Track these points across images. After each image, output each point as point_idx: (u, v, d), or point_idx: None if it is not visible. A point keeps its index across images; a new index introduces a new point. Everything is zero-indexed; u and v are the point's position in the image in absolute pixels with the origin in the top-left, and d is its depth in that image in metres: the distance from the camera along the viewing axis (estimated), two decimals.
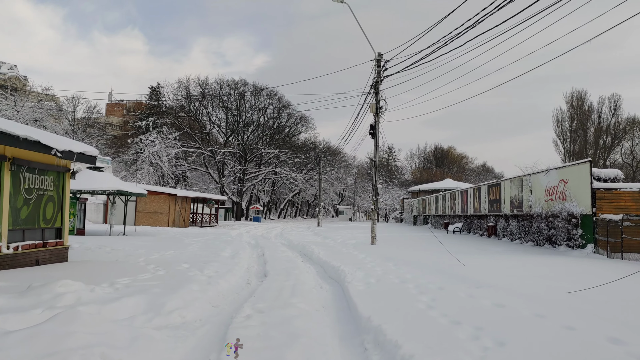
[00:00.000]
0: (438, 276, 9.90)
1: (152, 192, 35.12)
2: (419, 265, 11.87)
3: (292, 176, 68.58)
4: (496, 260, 13.00)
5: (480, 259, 13.31)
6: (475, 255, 14.22)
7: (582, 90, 75.71)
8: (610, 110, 72.85)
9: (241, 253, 15.38)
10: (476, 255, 14.49)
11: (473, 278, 9.46)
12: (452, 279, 9.41)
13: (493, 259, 13.19)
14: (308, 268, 12.48)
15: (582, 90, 75.82)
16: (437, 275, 9.99)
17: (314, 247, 17.21)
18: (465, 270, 10.58)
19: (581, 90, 75.75)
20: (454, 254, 13.34)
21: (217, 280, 9.01)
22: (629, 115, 71.70)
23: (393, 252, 15.89)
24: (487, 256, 14.23)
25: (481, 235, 25.35)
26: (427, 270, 11.00)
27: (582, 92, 75.31)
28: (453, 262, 12.05)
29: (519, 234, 19.71)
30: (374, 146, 19.66)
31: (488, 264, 12.06)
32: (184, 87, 71.22)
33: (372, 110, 19.46)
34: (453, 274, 10.09)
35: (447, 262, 12.35)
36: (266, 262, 13.43)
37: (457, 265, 11.46)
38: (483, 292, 7.72)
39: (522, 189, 19.31)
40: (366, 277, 9.72)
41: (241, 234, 29.08)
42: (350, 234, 27.72)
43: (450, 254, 13.62)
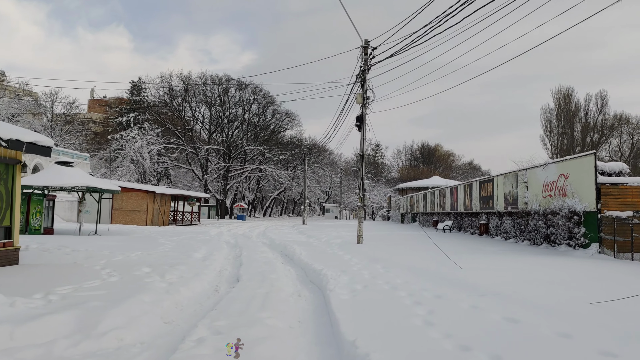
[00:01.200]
0: (433, 281, 8.72)
1: (128, 189, 33.59)
2: (410, 268, 10.69)
3: (277, 173, 67.20)
4: (495, 261, 11.86)
5: (477, 260, 12.18)
6: (471, 256, 13.08)
7: (569, 87, 75.30)
8: (597, 108, 72.55)
9: (216, 254, 14.09)
10: (471, 255, 13.35)
11: (473, 283, 8.29)
12: (450, 285, 8.24)
13: (491, 260, 12.05)
14: (287, 271, 11.24)
15: (569, 87, 75.42)
16: (432, 280, 8.82)
17: (296, 247, 15.98)
18: (462, 274, 9.41)
19: (568, 87, 75.31)
20: (447, 254, 12.19)
21: (179, 288, 7.73)
22: (616, 112, 71.48)
23: (381, 252, 14.71)
24: (483, 257, 13.09)
25: (472, 233, 24.29)
26: (420, 273, 9.83)
27: (569, 89, 74.88)
28: (448, 264, 10.89)
29: (514, 232, 18.65)
30: (361, 139, 18.45)
31: (487, 266, 10.90)
32: (167, 83, 69.45)
33: (359, 101, 18.25)
34: (449, 279, 8.92)
35: (441, 264, 11.19)
36: (242, 265, 12.16)
37: (453, 268, 10.30)
38: (488, 302, 6.55)
39: (517, 185, 18.24)
40: (351, 282, 8.51)
41: (221, 232, 27.73)
42: (335, 232, 26.52)
43: (444, 255, 12.47)
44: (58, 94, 66.86)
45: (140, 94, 67.33)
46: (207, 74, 69.88)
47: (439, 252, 14.19)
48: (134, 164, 60.41)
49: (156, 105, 69.52)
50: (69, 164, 22.82)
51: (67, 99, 67.26)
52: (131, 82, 66.79)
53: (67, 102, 67.13)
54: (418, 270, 10.28)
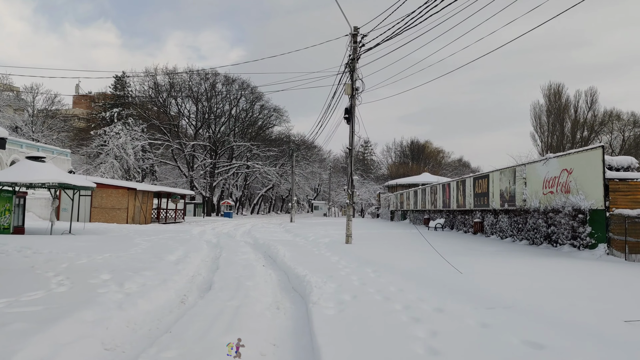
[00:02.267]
0: (430, 289, 7.68)
1: (108, 186, 32.23)
2: (404, 272, 9.64)
3: (264, 170, 65.95)
4: (496, 264, 10.84)
5: (476, 262, 11.15)
6: (468, 258, 12.06)
7: (559, 83, 74.85)
8: (586, 105, 72.15)
9: (192, 256, 12.94)
10: (469, 257, 12.33)
11: (477, 292, 7.26)
12: (450, 294, 7.19)
13: (492, 263, 11.03)
14: (268, 276, 10.13)
15: (560, 83, 74.94)
16: (429, 288, 7.78)
17: (280, 248, 14.87)
18: (463, 280, 8.37)
19: (558, 83, 74.90)
20: (444, 256, 11.15)
21: (137, 300, 6.59)
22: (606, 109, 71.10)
23: (371, 253, 13.65)
24: (482, 258, 12.08)
25: (465, 232, 23.34)
26: (415, 279, 8.78)
27: (560, 85, 74.44)
28: (445, 267, 9.85)
29: (511, 231, 17.69)
30: (350, 132, 17.37)
31: (488, 269, 9.87)
32: (152, 77, 67.83)
33: (348, 92, 17.16)
34: (449, 286, 7.87)
35: (438, 267, 10.15)
36: (218, 268, 11.03)
37: (452, 272, 9.26)
38: (500, 319, 5.50)
39: (514, 181, 17.27)
40: (339, 291, 7.44)
41: (205, 231, 26.54)
42: (323, 230, 25.45)
43: (441, 257, 11.44)
44: (39, 89, 65.09)
45: (125, 89, 65.64)
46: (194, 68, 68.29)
47: (434, 252, 13.16)
48: (118, 160, 58.87)
49: (141, 100, 67.88)
50: (40, 159, 21.47)
51: (49, 93, 65.36)
52: (115, 77, 65.12)
53: (49, 96, 65.36)
54: (413, 275, 9.24)
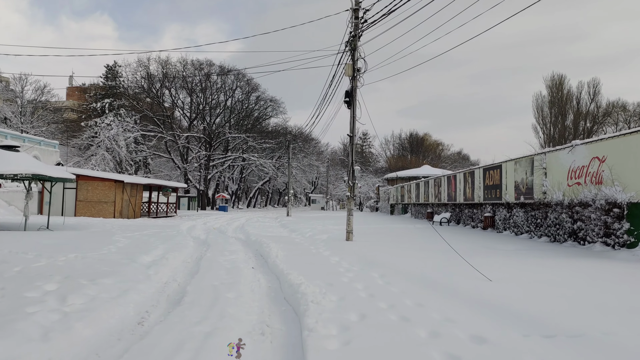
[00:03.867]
0: (457, 303, 6.09)
1: (94, 179, 30.54)
2: (418, 278, 8.04)
3: (260, 162, 64.25)
4: (525, 268, 9.21)
5: (499, 264, 9.55)
6: (487, 258, 10.45)
7: (561, 74, 73.35)
8: (589, 96, 70.68)
9: (172, 256, 11.32)
10: (487, 257, 10.72)
11: (520, 309, 5.65)
12: (485, 312, 5.60)
13: (518, 266, 9.41)
14: (256, 283, 8.52)
15: (562, 74, 73.42)
16: (455, 301, 6.19)
17: (273, 246, 13.25)
18: (494, 290, 6.77)
19: (561, 74, 73.42)
20: (463, 257, 9.55)
21: (75, 324, 4.98)
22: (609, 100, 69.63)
23: (376, 252, 12.06)
24: (503, 259, 10.47)
25: (473, 227, 21.76)
26: (434, 288, 7.19)
27: (562, 76, 72.95)
28: (466, 272, 8.25)
29: (527, 226, 16.10)
30: (351, 118, 15.72)
31: (519, 275, 8.25)
32: (144, 67, 65.92)
33: (348, 73, 15.50)
34: (480, 299, 6.27)
35: (458, 271, 8.55)
36: (198, 272, 9.41)
37: (476, 278, 7.66)
38: (571, 356, 3.91)
39: (532, 172, 15.66)
40: (342, 307, 5.83)
41: (195, 226, 24.91)
42: (322, 225, 23.85)
43: (456, 257, 9.84)
44: (28, 79, 63.14)
45: (116, 79, 63.74)
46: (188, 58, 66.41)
47: (448, 252, 11.56)
48: (109, 152, 57.14)
49: (133, 90, 66.00)
50: (14, 148, 19.82)
51: (38, 83, 63.40)
52: (106, 66, 63.20)
53: (38, 86, 63.42)
54: (429, 282, 7.64)
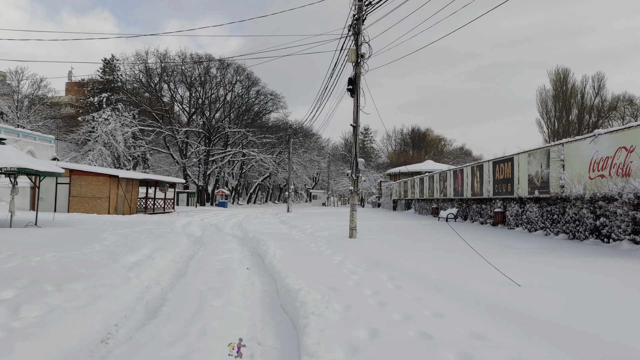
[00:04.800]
0: (483, 313, 5.12)
1: (88, 173, 29.58)
2: (432, 282, 7.07)
3: (260, 157, 63.21)
4: (555, 269, 8.20)
5: (523, 266, 8.56)
6: (506, 259, 9.45)
7: (566, 68, 72.26)
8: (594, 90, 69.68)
9: (161, 255, 10.35)
10: (505, 257, 9.73)
11: (563, 325, 4.67)
12: (520, 326, 4.63)
13: (545, 268, 8.41)
14: (249, 287, 7.55)
15: (566, 68, 72.34)
16: (480, 311, 5.22)
17: (271, 244, 12.30)
18: (526, 298, 5.78)
19: (565, 68, 72.31)
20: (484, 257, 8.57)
21: (16, 345, 4.01)
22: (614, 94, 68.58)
23: (381, 251, 11.08)
24: (525, 260, 9.48)
25: (482, 223, 20.77)
26: (452, 293, 6.22)
27: (566, 70, 71.89)
28: (486, 274, 7.28)
29: (542, 222, 15.11)
30: (354, 107, 14.72)
31: (549, 279, 7.24)
32: (143, 61, 64.83)
33: (352, 59, 14.49)
34: (510, 309, 5.28)
35: (476, 273, 7.58)
36: (186, 274, 8.44)
37: (500, 282, 6.68)
38: None
39: (548, 164, 14.66)
40: (348, 320, 4.86)
41: (191, 222, 23.94)
42: (323, 222, 22.90)
43: (470, 256, 8.87)
44: (24, 72, 62.16)
45: (114, 73, 62.68)
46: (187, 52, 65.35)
47: (460, 250, 10.59)
48: (107, 147, 56.18)
49: (131, 84, 64.93)
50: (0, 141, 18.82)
51: (34, 77, 62.41)
52: (103, 60, 62.17)
53: (34, 81, 62.43)
54: (445, 287, 6.66)
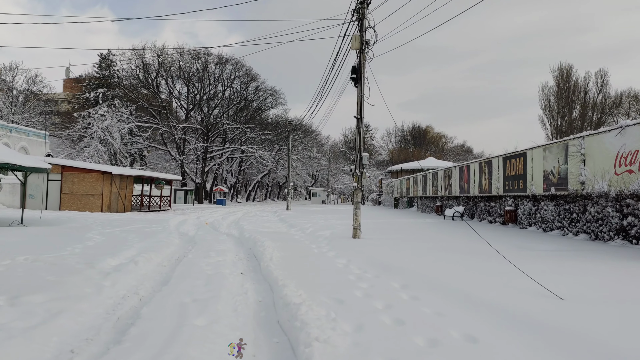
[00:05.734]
0: (531, 340, 4.14)
1: (79, 170, 28.57)
2: (452, 291, 6.09)
3: (259, 154, 62.18)
4: (590, 276, 7.20)
5: (552, 271, 7.57)
6: (530, 263, 8.46)
7: (569, 64, 71.32)
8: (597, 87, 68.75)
9: (145, 258, 9.35)
10: (528, 261, 8.73)
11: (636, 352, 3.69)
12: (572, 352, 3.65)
13: (581, 274, 7.40)
14: (241, 297, 6.55)
15: (569, 64, 71.41)
16: (527, 337, 4.23)
17: (268, 245, 11.31)
18: (574, 316, 4.80)
19: (569, 64, 71.34)
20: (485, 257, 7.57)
21: None
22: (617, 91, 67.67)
23: (390, 253, 10.08)
24: (550, 264, 8.49)
25: (491, 222, 19.78)
26: (478, 307, 5.23)
27: (569, 66, 70.94)
28: (516, 281, 6.30)
29: (559, 222, 14.12)
30: (358, 97, 13.73)
31: (591, 288, 6.25)
32: (139, 56, 63.71)
33: (355, 46, 13.49)
34: (565, 333, 4.30)
35: (501, 281, 6.59)
36: (170, 280, 7.45)
37: (533, 294, 5.69)
38: None
39: (566, 159, 13.66)
40: (360, 347, 3.87)
41: (186, 221, 22.94)
42: (323, 220, 21.91)
43: (489, 260, 7.88)
44: (19, 67, 61.09)
45: (110, 68, 61.59)
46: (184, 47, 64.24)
47: (476, 253, 9.61)
48: (103, 144, 55.16)
49: (128, 80, 63.84)
50: None
51: (29, 73, 61.32)
52: (100, 55, 61.06)
53: (29, 76, 61.34)
54: (471, 299, 5.66)
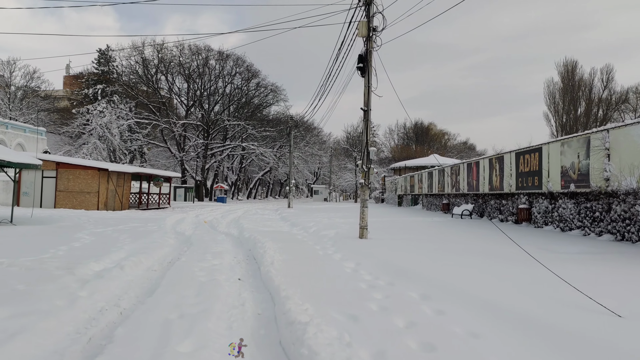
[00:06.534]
0: None
1: (75, 166, 27.73)
2: (482, 303, 5.22)
3: (260, 151, 61.30)
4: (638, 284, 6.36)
5: (590, 279, 6.70)
6: (562, 268, 7.58)
7: (574, 60, 70.34)
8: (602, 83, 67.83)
9: (131, 263, 8.49)
10: (557, 265, 7.84)
11: None
12: None
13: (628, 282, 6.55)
14: (237, 310, 5.69)
15: (574, 60, 70.42)
16: None
17: (269, 247, 10.46)
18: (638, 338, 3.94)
19: (574, 60, 70.37)
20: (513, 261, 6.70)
21: None
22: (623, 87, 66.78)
23: (402, 256, 9.21)
24: (584, 270, 7.62)
25: (502, 220, 18.91)
26: (529, 327, 4.37)
27: (575, 62, 69.98)
28: (558, 291, 5.44)
29: (579, 220, 13.24)
30: (365, 88, 12.84)
31: None
32: (139, 52, 62.82)
33: (362, 33, 12.60)
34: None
35: (540, 291, 5.73)
36: (157, 289, 6.59)
37: (587, 310, 4.83)
38: None
39: (587, 154, 12.78)
40: None
41: (184, 219, 22.09)
42: (327, 219, 21.06)
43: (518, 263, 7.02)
44: (17, 64, 60.29)
45: (109, 64, 60.73)
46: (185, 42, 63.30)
47: (499, 256, 8.74)
48: (102, 140, 54.35)
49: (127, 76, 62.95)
50: None
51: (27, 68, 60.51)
52: (98, 50, 60.19)
53: (27, 72, 60.54)
54: (510, 316, 4.80)
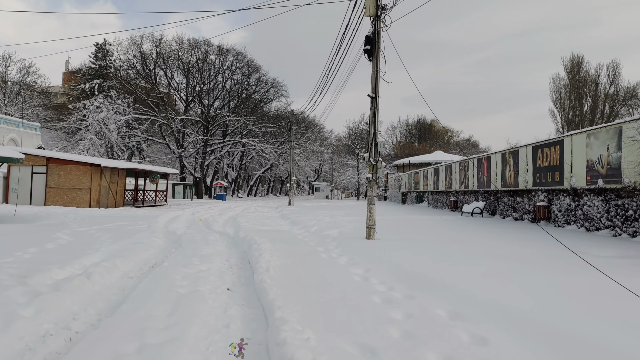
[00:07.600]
0: None
1: (66, 162, 26.55)
2: (532, 324, 4.02)
3: (261, 147, 60.08)
4: None
5: None
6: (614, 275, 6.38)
7: (580, 55, 68.94)
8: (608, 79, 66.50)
9: (105, 268, 7.31)
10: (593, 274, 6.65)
11: None
12: None
13: None
14: (220, 335, 4.49)
15: (580, 55, 69.01)
16: None
17: (265, 248, 9.26)
18: None
19: (580, 55, 68.96)
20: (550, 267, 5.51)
21: None
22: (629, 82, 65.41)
23: (417, 260, 8.01)
24: (637, 278, 6.42)
25: (517, 219, 17.69)
26: None
27: (581, 57, 68.58)
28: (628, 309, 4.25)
29: (609, 219, 12.02)
30: (373, 73, 11.62)
31: None
32: (137, 46, 61.60)
33: (370, 12, 11.39)
34: None
35: (615, 310, 4.54)
36: (119, 307, 5.40)
37: None
38: None
39: (618, 146, 11.56)
40: None
41: (178, 217, 20.89)
42: (329, 217, 19.86)
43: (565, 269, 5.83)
44: (12, 57, 59.04)
45: (106, 58, 59.51)
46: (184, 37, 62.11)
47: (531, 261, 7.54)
48: (99, 136, 53.22)
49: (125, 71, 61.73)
50: None
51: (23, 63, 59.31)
52: (96, 44, 58.98)
53: (22, 66, 59.33)
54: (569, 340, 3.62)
